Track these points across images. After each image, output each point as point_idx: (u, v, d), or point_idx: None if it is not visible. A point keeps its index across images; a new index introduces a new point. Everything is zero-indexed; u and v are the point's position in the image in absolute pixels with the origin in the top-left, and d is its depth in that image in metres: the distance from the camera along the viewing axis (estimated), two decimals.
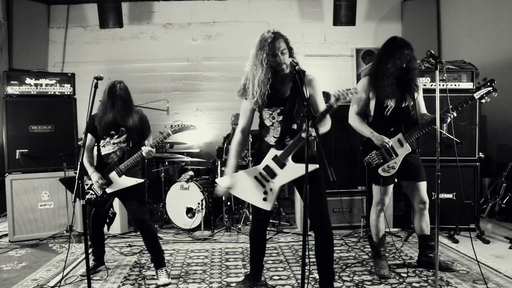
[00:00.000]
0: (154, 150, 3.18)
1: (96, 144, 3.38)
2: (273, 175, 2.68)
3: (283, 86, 2.68)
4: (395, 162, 3.09)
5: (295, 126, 2.66)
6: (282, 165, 2.66)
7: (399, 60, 2.99)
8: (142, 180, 3.23)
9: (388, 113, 3.11)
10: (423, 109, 3.25)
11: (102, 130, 3.28)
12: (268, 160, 2.69)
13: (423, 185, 3.21)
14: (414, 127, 3.10)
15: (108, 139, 3.29)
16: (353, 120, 3.20)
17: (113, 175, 3.21)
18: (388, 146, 3.03)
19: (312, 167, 2.44)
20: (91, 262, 3.34)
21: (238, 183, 2.79)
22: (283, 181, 2.69)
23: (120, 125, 3.24)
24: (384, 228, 3.33)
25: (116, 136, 3.28)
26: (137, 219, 3.25)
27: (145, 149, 3.12)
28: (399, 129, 3.08)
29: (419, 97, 3.24)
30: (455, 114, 2.97)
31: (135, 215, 3.24)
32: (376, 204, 3.26)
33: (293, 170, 2.61)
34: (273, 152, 2.68)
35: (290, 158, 2.62)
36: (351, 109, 3.22)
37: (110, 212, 3.50)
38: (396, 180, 3.25)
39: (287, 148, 2.62)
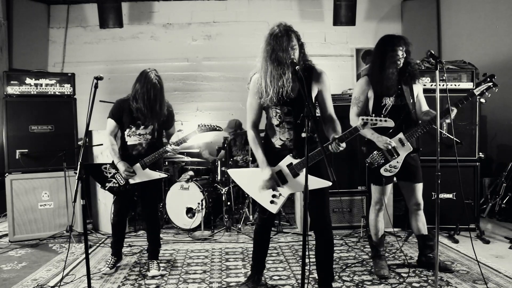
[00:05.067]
0: (178, 148, 3.24)
1: (120, 132, 3.35)
2: (284, 181, 2.65)
3: (292, 84, 2.55)
4: (397, 162, 3.09)
5: (303, 135, 2.52)
6: (295, 174, 2.62)
7: (393, 57, 2.98)
8: (165, 175, 3.31)
9: (386, 111, 3.11)
10: (424, 106, 3.24)
11: (128, 118, 3.24)
12: (282, 166, 2.65)
13: (419, 187, 3.22)
14: (415, 126, 3.09)
15: (134, 128, 3.27)
16: (355, 122, 3.17)
17: (137, 166, 3.22)
18: (390, 146, 3.02)
19: (324, 183, 2.47)
20: (111, 259, 3.45)
21: (250, 179, 2.75)
22: (293, 190, 2.68)
23: (151, 116, 3.21)
24: (383, 228, 3.33)
25: (142, 127, 3.27)
26: (149, 212, 3.40)
27: (169, 147, 3.18)
28: (400, 128, 3.06)
29: (420, 94, 3.23)
30: (455, 111, 2.96)
31: (148, 207, 3.38)
32: (375, 203, 3.27)
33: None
34: (289, 159, 2.63)
35: (304, 170, 2.53)
36: (352, 111, 3.20)
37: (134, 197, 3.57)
38: (395, 179, 3.25)
39: (303, 160, 2.52)
